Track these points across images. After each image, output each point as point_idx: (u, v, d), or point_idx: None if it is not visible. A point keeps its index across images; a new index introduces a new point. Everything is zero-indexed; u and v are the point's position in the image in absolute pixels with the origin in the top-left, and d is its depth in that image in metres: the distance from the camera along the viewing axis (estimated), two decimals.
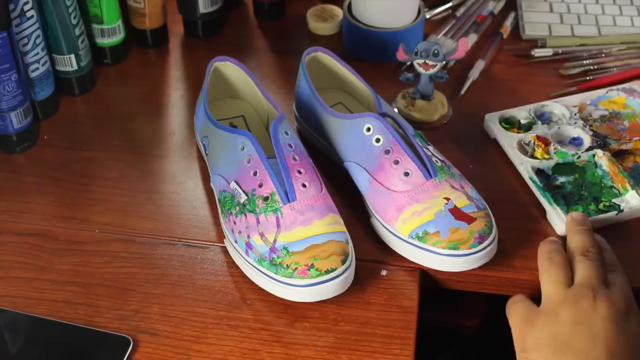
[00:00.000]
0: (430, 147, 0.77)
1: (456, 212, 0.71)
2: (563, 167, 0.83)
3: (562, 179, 0.82)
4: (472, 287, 0.76)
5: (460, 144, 0.87)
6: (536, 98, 0.92)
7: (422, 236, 0.71)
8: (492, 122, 0.88)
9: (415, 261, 0.73)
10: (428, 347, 0.87)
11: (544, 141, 0.85)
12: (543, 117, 0.89)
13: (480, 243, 0.70)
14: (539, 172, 0.82)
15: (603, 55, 0.99)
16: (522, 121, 0.89)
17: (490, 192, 0.78)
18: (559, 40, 1.01)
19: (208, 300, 0.72)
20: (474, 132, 0.89)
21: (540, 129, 0.87)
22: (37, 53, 0.86)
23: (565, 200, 0.79)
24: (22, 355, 0.67)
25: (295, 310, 0.71)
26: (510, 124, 0.89)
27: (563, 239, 0.75)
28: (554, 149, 0.84)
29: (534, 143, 0.85)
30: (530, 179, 0.81)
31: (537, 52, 1.00)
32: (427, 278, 0.75)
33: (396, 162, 0.74)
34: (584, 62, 0.97)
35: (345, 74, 0.86)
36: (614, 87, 0.91)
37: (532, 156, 0.84)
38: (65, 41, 0.90)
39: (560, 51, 1.00)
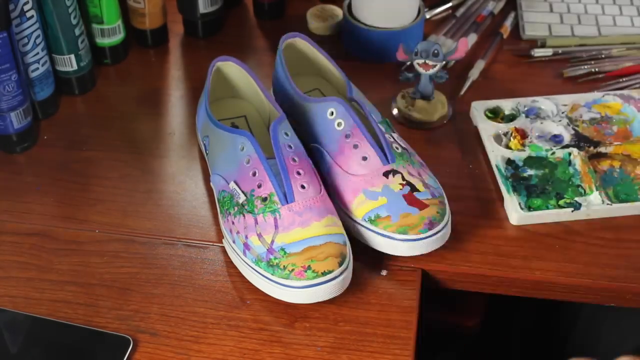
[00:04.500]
0: (395, 135, 0.78)
1: (409, 198, 0.72)
2: (534, 161, 0.84)
3: (530, 172, 0.83)
4: (472, 287, 0.76)
5: (460, 144, 0.88)
6: None
7: (374, 219, 0.72)
8: (477, 109, 0.89)
9: (369, 244, 0.74)
10: (428, 347, 0.87)
11: (522, 134, 0.86)
12: (531, 112, 0.89)
13: (430, 229, 0.71)
14: (509, 162, 0.83)
15: (603, 55, 0.99)
16: (507, 112, 0.90)
17: (489, 192, 0.79)
18: (559, 40, 1.01)
19: (208, 300, 0.72)
20: (474, 132, 0.89)
21: (522, 121, 0.88)
22: (37, 53, 0.86)
23: (528, 191, 0.80)
24: (22, 355, 0.67)
25: (295, 310, 0.71)
26: (495, 114, 0.90)
27: (530, 227, 0.77)
28: (530, 142, 0.85)
29: (511, 134, 0.86)
30: (496, 166, 0.82)
31: (537, 52, 1.00)
32: (427, 278, 0.75)
33: (355, 147, 0.75)
34: (585, 66, 0.97)
35: (321, 60, 0.86)
36: (611, 92, 0.91)
37: (507, 146, 0.85)
38: (65, 41, 0.90)
39: (560, 51, 1.00)
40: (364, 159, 0.74)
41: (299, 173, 0.71)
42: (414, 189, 0.73)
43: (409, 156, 0.76)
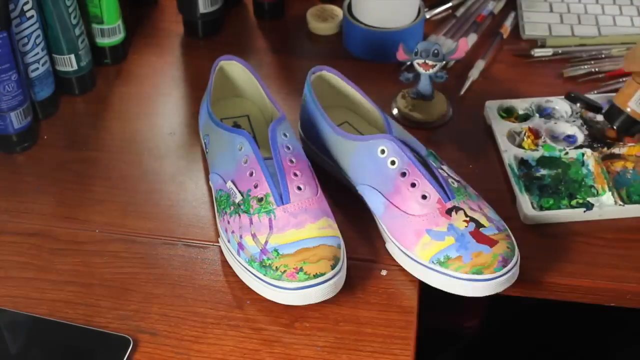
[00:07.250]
0: (445, 167, 0.75)
1: (477, 235, 0.69)
2: (547, 161, 0.84)
3: (543, 172, 0.83)
4: None
5: (460, 144, 0.88)
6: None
7: (444, 261, 0.69)
8: (491, 109, 0.89)
9: (437, 286, 0.71)
10: (428, 347, 0.87)
11: (535, 133, 0.86)
12: (545, 112, 0.89)
13: (504, 266, 0.68)
14: (522, 162, 0.84)
15: (603, 55, 0.99)
16: (521, 112, 0.90)
17: (488, 192, 0.79)
18: (559, 40, 1.01)
19: (208, 300, 0.72)
20: (474, 132, 0.89)
21: (535, 121, 0.88)
22: (37, 53, 0.86)
23: (540, 191, 0.81)
24: (22, 355, 0.67)
25: (295, 310, 0.71)
26: (509, 113, 0.90)
27: (531, 227, 0.77)
28: (543, 142, 0.85)
29: (524, 133, 0.86)
30: (509, 165, 0.82)
31: (537, 52, 1.00)
32: None
33: (413, 185, 0.71)
34: (585, 66, 0.97)
35: (352, 93, 0.83)
36: None
37: (520, 146, 0.85)
38: (65, 41, 0.90)
39: (560, 51, 1.00)
40: (424, 197, 0.71)
41: (295, 174, 0.71)
42: (478, 224, 0.70)
43: (465, 189, 0.73)
